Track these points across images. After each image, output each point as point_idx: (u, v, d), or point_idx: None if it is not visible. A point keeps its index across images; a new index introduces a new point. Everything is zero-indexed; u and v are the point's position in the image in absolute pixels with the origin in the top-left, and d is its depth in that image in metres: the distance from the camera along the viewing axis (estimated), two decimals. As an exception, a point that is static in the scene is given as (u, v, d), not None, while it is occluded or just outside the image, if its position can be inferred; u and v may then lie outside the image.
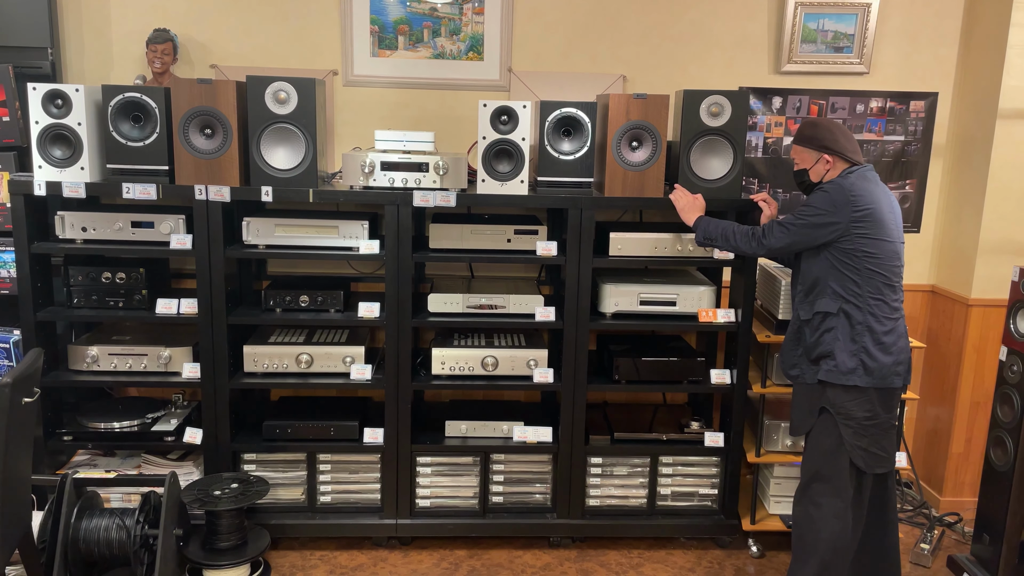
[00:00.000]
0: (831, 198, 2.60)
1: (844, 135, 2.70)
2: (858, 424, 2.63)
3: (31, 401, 2.28)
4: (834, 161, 2.68)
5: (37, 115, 2.88)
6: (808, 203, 2.67)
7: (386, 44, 3.52)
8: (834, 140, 2.68)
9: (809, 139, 2.72)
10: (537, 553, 3.28)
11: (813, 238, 2.63)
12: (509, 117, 3.00)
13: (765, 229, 2.77)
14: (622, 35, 3.55)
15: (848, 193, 2.58)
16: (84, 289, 3.09)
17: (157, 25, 3.37)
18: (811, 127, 2.74)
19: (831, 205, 2.59)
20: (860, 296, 2.60)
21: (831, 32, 3.57)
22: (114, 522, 2.72)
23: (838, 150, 2.67)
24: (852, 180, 2.62)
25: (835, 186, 2.61)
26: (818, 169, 2.72)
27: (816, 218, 2.61)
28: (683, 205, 2.99)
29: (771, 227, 2.75)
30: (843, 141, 2.68)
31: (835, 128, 2.70)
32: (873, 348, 2.60)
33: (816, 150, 2.71)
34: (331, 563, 3.16)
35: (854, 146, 2.70)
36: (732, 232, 2.84)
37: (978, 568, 3.09)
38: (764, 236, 2.76)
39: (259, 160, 2.98)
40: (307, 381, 3.15)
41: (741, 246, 2.82)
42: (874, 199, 2.60)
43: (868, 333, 2.60)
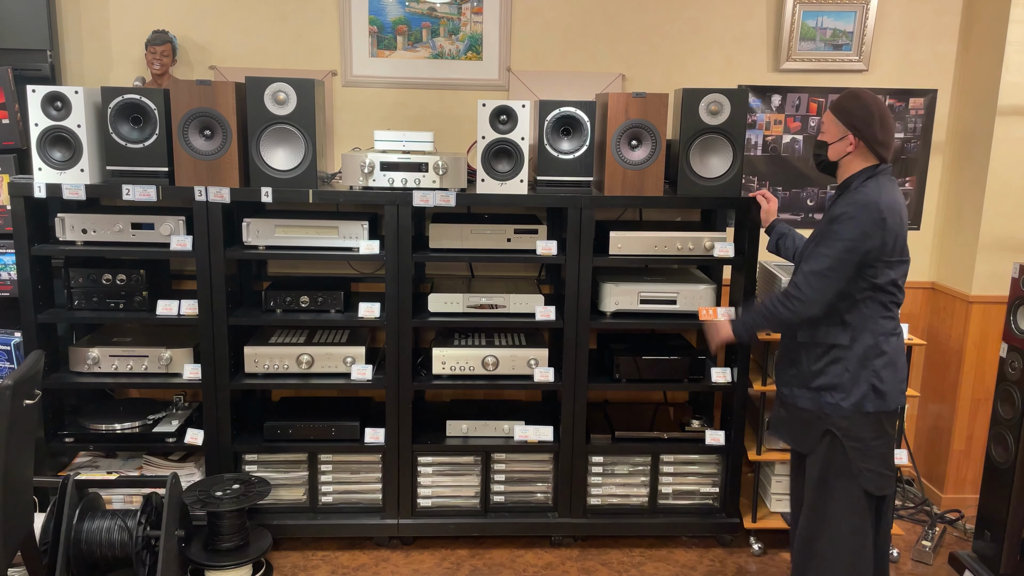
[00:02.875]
0: (860, 226, 2.32)
1: (883, 124, 2.39)
2: (865, 445, 2.44)
3: (32, 403, 2.29)
4: (857, 147, 2.41)
5: (37, 117, 2.88)
6: (835, 233, 2.36)
7: (385, 44, 3.52)
8: (868, 125, 2.38)
9: (844, 111, 2.43)
10: (539, 552, 3.28)
11: (850, 270, 2.36)
12: (508, 117, 3.01)
13: (796, 284, 2.43)
14: (621, 34, 3.55)
15: (878, 214, 2.32)
16: (85, 291, 3.10)
17: (156, 27, 3.37)
18: (852, 99, 2.43)
19: (861, 234, 2.32)
20: (872, 319, 2.42)
21: (830, 29, 3.56)
22: (116, 523, 2.72)
23: (868, 137, 2.39)
24: (879, 191, 2.36)
25: (861, 206, 2.33)
26: (839, 148, 2.45)
27: (851, 253, 2.33)
28: (712, 333, 2.72)
29: (804, 280, 2.41)
30: (878, 130, 2.39)
31: (877, 112, 2.39)
32: (883, 370, 2.42)
33: (845, 126, 2.42)
34: (333, 563, 3.17)
35: (889, 139, 2.41)
36: (766, 309, 2.51)
37: (980, 565, 3.09)
38: (799, 292, 2.41)
39: (259, 161, 2.98)
40: (308, 382, 3.15)
41: (783, 313, 2.46)
42: (901, 215, 2.38)
43: (879, 356, 2.42)
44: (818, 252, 2.40)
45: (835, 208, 2.42)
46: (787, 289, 2.48)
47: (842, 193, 2.47)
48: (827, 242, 2.38)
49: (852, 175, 2.45)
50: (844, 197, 2.43)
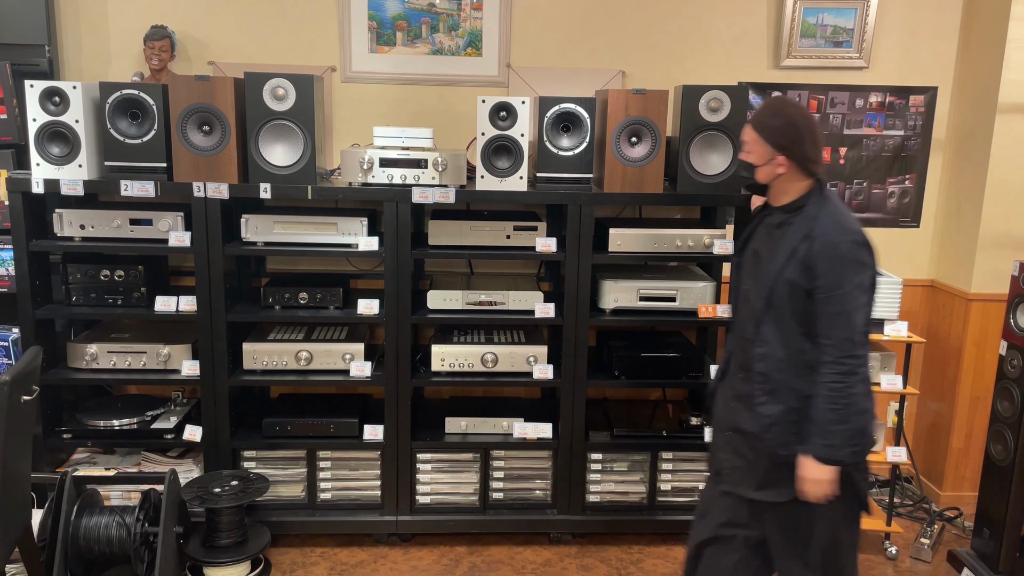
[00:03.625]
0: (856, 265, 2.10)
1: (813, 139, 2.17)
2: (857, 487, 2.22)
3: (30, 399, 2.28)
4: (789, 169, 2.19)
5: (35, 112, 2.88)
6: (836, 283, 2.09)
7: (384, 40, 3.51)
8: (798, 143, 2.16)
9: (769, 131, 2.19)
10: (537, 549, 3.28)
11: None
12: (508, 113, 3.00)
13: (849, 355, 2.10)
14: (621, 30, 3.54)
15: (861, 237, 2.12)
16: (83, 287, 3.09)
17: (155, 22, 3.36)
18: (775, 116, 2.19)
19: (859, 270, 2.11)
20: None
21: (830, 26, 3.56)
22: (114, 520, 2.72)
23: (799, 157, 2.17)
24: (841, 212, 2.16)
25: (851, 243, 2.10)
26: (768, 171, 2.22)
27: (861, 301, 2.10)
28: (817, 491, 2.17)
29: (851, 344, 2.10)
30: (809, 148, 2.16)
31: (805, 127, 2.17)
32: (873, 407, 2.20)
33: (773, 147, 2.18)
34: (331, 560, 3.16)
35: (820, 153, 2.20)
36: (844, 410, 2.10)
37: (978, 562, 3.10)
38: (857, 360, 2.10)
39: (257, 157, 2.97)
40: (307, 378, 3.14)
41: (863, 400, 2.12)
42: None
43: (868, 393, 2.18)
44: (836, 313, 2.10)
45: (807, 244, 2.13)
46: (837, 369, 2.10)
47: (792, 218, 2.21)
48: (838, 298, 2.10)
49: (801, 197, 2.21)
50: (805, 225, 2.16)
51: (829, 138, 3.66)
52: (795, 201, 2.23)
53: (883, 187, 3.71)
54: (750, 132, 2.24)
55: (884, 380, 3.18)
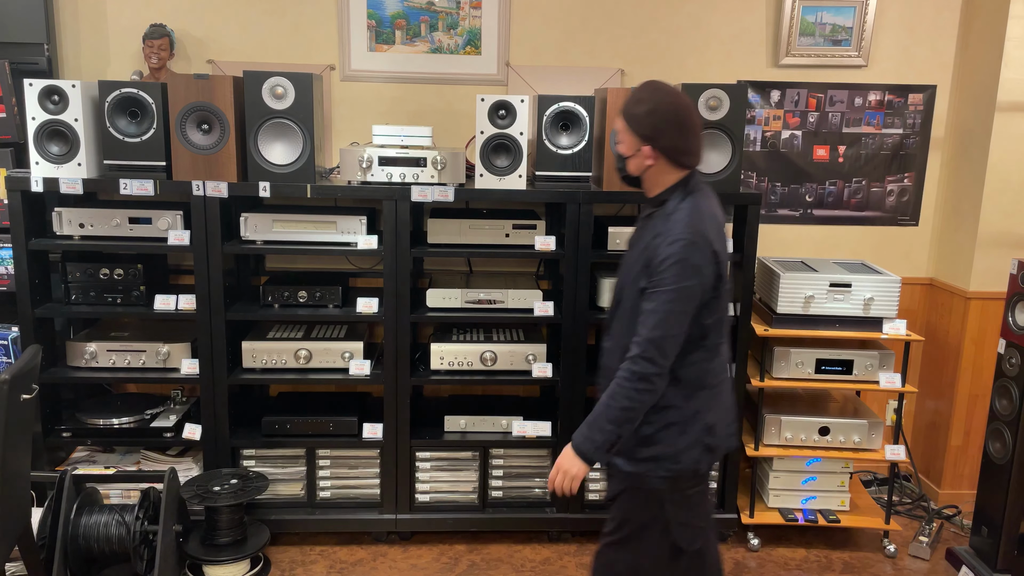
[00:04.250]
0: (691, 265, 1.96)
1: (682, 128, 2.03)
2: (683, 496, 2.14)
3: (29, 398, 2.28)
4: (657, 160, 2.06)
5: (34, 111, 2.87)
6: (664, 282, 1.97)
7: (383, 39, 3.51)
8: (664, 133, 2.02)
9: (634, 120, 2.05)
10: (537, 547, 3.29)
11: (690, 316, 2.01)
12: (507, 111, 3.00)
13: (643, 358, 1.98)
14: (620, 29, 3.54)
15: (707, 245, 1.98)
16: (82, 285, 3.09)
17: (153, 20, 3.36)
18: (639, 103, 2.04)
19: (694, 272, 1.97)
20: (703, 368, 2.11)
21: (829, 25, 3.56)
22: (113, 518, 2.72)
23: (666, 148, 2.04)
24: (699, 214, 2.01)
25: (686, 243, 1.96)
26: (637, 162, 2.09)
27: (690, 300, 1.98)
28: (562, 478, 2.14)
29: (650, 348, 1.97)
30: (677, 138, 2.03)
31: (672, 116, 2.02)
32: (717, 424, 2.14)
33: (639, 137, 2.05)
34: (331, 558, 3.17)
35: (693, 144, 2.05)
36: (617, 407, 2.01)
37: (977, 560, 3.10)
38: (653, 366, 1.97)
39: (257, 156, 2.97)
40: (306, 377, 3.14)
41: (643, 399, 2.01)
42: (725, 237, 2.10)
43: (712, 410, 2.12)
44: (655, 308, 1.98)
45: (655, 240, 2.03)
46: (631, 367, 1.99)
47: (656, 212, 2.11)
48: (662, 294, 1.97)
49: (665, 191, 2.10)
50: (660, 222, 2.06)
51: (828, 136, 3.66)
52: (660, 195, 2.11)
53: (882, 185, 3.72)
54: (619, 121, 2.11)
55: (883, 378, 3.19)
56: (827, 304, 3.17)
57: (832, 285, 3.16)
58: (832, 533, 3.44)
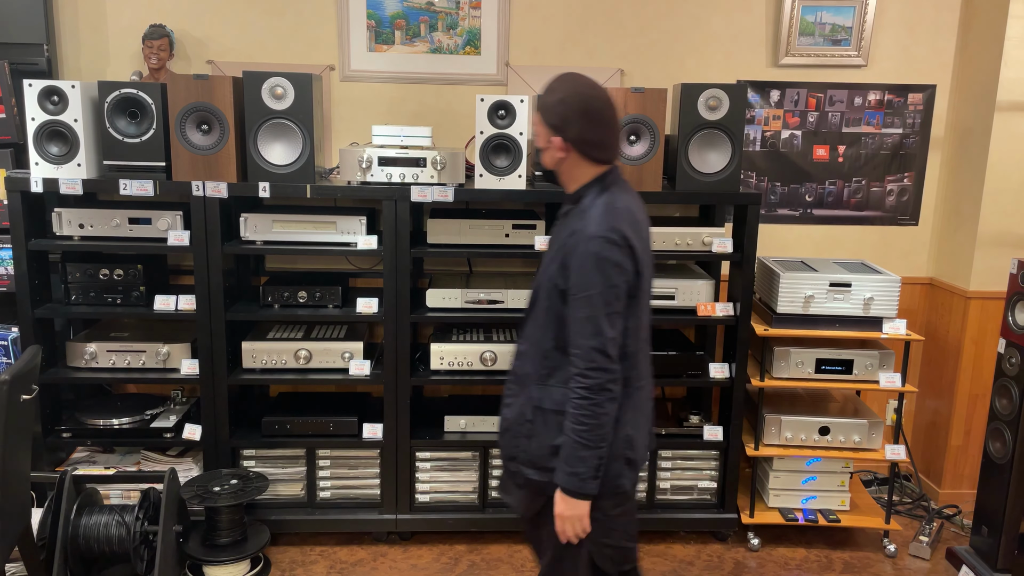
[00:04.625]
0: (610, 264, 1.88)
1: (592, 120, 1.94)
2: (606, 516, 2.01)
3: (29, 398, 2.28)
4: (569, 153, 1.98)
5: (33, 112, 2.87)
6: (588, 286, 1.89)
7: (383, 39, 3.51)
8: (572, 124, 1.94)
9: (545, 110, 1.98)
10: (537, 547, 3.28)
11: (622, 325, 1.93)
12: (507, 112, 3.00)
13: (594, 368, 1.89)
14: (619, 29, 3.54)
15: (623, 241, 1.89)
16: (82, 286, 3.09)
17: (153, 21, 3.36)
18: (550, 92, 1.98)
19: (616, 270, 1.88)
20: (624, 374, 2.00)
21: (829, 25, 3.56)
22: (114, 518, 2.72)
23: (575, 140, 1.95)
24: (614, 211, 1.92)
25: (603, 240, 1.88)
26: (550, 155, 2.01)
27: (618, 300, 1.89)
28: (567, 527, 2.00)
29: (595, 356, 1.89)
30: (587, 130, 1.94)
31: (581, 106, 1.94)
32: (635, 434, 2.02)
33: (549, 128, 1.98)
34: (331, 558, 3.17)
35: (606, 137, 1.97)
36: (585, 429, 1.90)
37: (977, 560, 3.10)
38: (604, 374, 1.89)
39: (256, 156, 2.97)
40: (306, 377, 3.14)
41: (605, 410, 1.91)
42: (644, 233, 1.99)
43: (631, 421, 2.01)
44: (586, 314, 1.89)
45: (571, 238, 1.94)
46: (583, 383, 1.89)
47: (572, 210, 2.03)
48: (588, 299, 1.89)
49: (582, 187, 2.02)
50: (576, 219, 1.97)
51: (828, 136, 3.66)
52: (577, 191, 2.03)
53: (882, 185, 3.72)
54: (535, 112, 2.04)
55: (883, 378, 3.19)
56: (827, 304, 3.17)
57: (832, 285, 3.17)
58: (832, 533, 3.44)
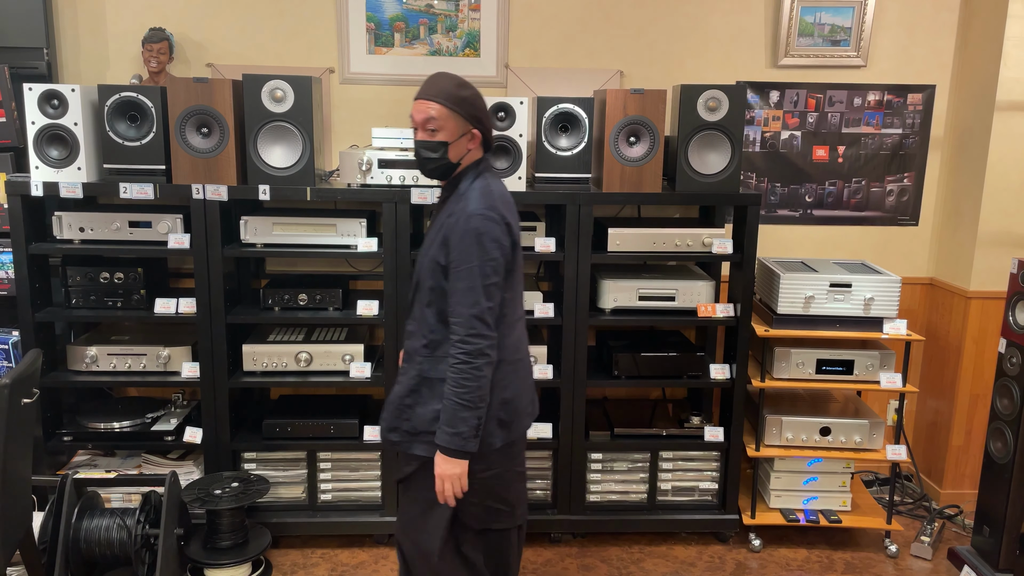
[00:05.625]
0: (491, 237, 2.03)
1: (489, 114, 2.20)
2: (470, 473, 2.12)
3: (30, 402, 2.28)
4: (477, 145, 2.17)
5: (33, 115, 2.88)
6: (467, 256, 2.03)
7: (382, 41, 3.51)
8: (486, 116, 2.15)
9: (463, 103, 2.10)
10: (538, 549, 3.28)
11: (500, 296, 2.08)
12: (506, 113, 3.00)
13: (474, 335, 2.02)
14: (619, 30, 3.55)
15: (501, 217, 2.05)
16: (82, 289, 3.09)
17: (153, 24, 3.36)
18: (463, 87, 2.12)
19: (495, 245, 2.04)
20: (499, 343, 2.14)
21: (828, 25, 3.56)
22: (115, 522, 2.72)
23: (487, 129, 2.16)
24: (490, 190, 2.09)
25: (483, 216, 2.03)
26: (461, 146, 2.13)
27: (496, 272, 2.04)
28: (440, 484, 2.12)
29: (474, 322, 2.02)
30: (489, 120, 2.18)
31: (483, 101, 2.17)
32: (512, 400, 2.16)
33: (467, 119, 2.11)
34: (332, 561, 3.17)
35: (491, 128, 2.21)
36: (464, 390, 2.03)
37: (979, 560, 3.10)
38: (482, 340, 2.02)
39: (256, 159, 2.97)
40: (306, 379, 3.14)
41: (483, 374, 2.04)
42: (515, 212, 2.17)
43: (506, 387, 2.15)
44: (467, 285, 2.03)
45: (450, 219, 2.09)
46: (462, 348, 2.02)
47: (451, 195, 2.19)
48: (469, 271, 2.02)
49: (461, 173, 2.18)
50: (454, 202, 2.13)
51: (827, 137, 3.66)
52: (455, 178, 2.20)
53: (882, 185, 3.72)
54: (438, 108, 2.10)
55: (883, 378, 3.19)
56: (827, 304, 3.17)
57: (832, 285, 3.17)
58: (834, 533, 3.44)
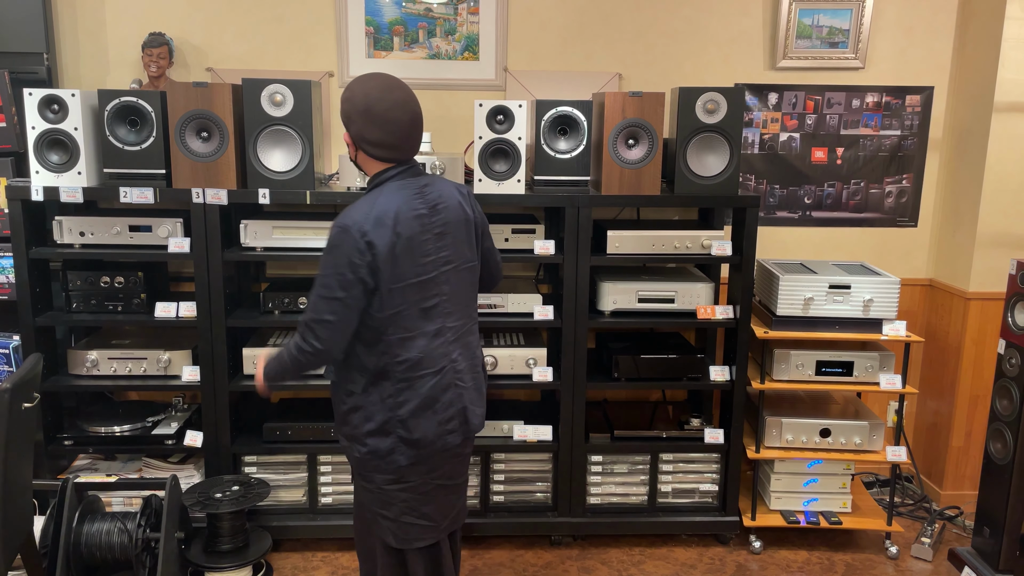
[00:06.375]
0: (344, 254, 2.02)
1: (373, 119, 2.06)
2: (378, 489, 2.19)
3: (31, 406, 2.29)
4: (356, 150, 2.14)
5: (33, 120, 2.88)
6: (322, 267, 2.08)
7: (381, 45, 3.52)
8: (353, 122, 2.09)
9: (342, 109, 2.11)
10: (538, 552, 3.28)
11: (356, 303, 2.06)
12: (505, 117, 3.01)
13: (305, 331, 2.08)
14: (617, 33, 3.55)
15: (361, 236, 2.01)
16: (83, 293, 3.10)
17: (152, 29, 3.37)
18: (346, 91, 2.10)
19: (348, 264, 2.02)
20: (389, 359, 2.12)
21: (826, 27, 3.57)
22: (116, 526, 2.72)
23: (356, 138, 2.10)
24: (371, 205, 2.05)
25: (340, 229, 2.03)
26: (350, 151, 2.17)
27: (344, 288, 2.03)
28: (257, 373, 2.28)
29: (309, 329, 2.08)
30: (366, 128, 2.07)
31: (363, 105, 2.06)
32: (411, 419, 2.13)
33: (345, 126, 2.12)
34: (333, 564, 3.17)
35: (387, 137, 2.07)
36: (288, 356, 2.14)
37: (979, 561, 3.10)
38: (308, 344, 2.08)
39: (256, 163, 2.98)
40: (307, 383, 3.14)
41: (302, 361, 2.12)
42: (400, 230, 2.06)
43: (402, 405, 2.13)
44: (313, 293, 2.08)
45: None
46: (295, 341, 2.12)
47: None
48: (318, 280, 2.07)
49: (369, 180, 2.18)
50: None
51: (826, 138, 3.66)
52: (368, 184, 2.19)
53: (880, 187, 3.72)
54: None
55: (883, 379, 3.19)
56: (827, 306, 3.17)
57: (831, 287, 3.17)
58: (834, 535, 3.44)
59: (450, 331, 2.19)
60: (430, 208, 2.14)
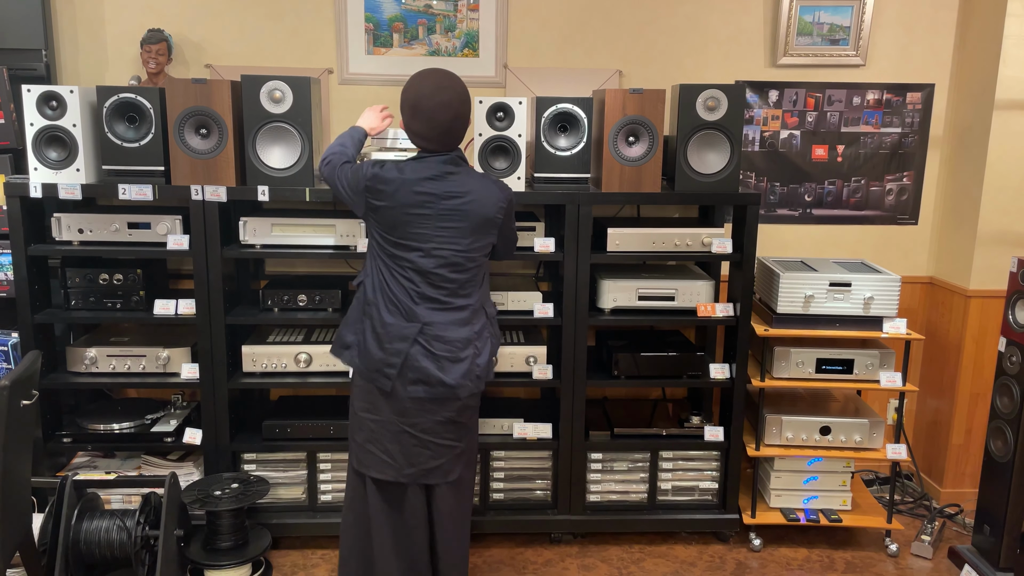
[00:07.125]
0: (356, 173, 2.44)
1: (416, 112, 2.37)
2: (354, 414, 2.53)
3: (30, 403, 2.28)
4: (408, 134, 2.45)
5: (32, 117, 2.87)
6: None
7: (381, 42, 3.51)
8: (403, 112, 2.41)
9: (400, 100, 2.44)
10: (538, 549, 3.28)
11: (352, 202, 2.48)
12: (505, 114, 3.00)
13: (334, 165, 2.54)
14: (617, 30, 3.55)
15: (371, 181, 2.39)
16: (82, 291, 3.09)
17: (151, 25, 3.36)
18: (403, 89, 2.43)
19: (353, 179, 2.44)
20: (379, 275, 2.45)
21: (827, 24, 3.56)
22: (115, 523, 2.72)
23: (405, 124, 2.42)
24: (392, 166, 2.39)
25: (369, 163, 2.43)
26: (408, 136, 2.49)
27: (347, 190, 2.47)
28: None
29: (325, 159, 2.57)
30: (410, 119, 2.39)
31: (412, 98, 2.38)
32: (369, 333, 2.43)
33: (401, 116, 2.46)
34: (332, 562, 3.16)
35: (425, 129, 2.37)
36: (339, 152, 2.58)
37: (979, 559, 3.10)
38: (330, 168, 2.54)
39: (255, 160, 2.97)
40: (306, 380, 3.14)
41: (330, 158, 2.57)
42: (402, 195, 2.37)
43: (372, 318, 2.44)
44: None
45: None
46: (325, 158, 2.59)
47: None
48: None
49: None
50: None
51: (827, 136, 3.66)
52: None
53: (881, 184, 3.72)
54: None
55: (883, 377, 3.19)
56: (827, 304, 3.17)
57: (832, 284, 3.16)
58: (834, 533, 3.44)
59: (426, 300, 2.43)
60: (442, 192, 2.38)
